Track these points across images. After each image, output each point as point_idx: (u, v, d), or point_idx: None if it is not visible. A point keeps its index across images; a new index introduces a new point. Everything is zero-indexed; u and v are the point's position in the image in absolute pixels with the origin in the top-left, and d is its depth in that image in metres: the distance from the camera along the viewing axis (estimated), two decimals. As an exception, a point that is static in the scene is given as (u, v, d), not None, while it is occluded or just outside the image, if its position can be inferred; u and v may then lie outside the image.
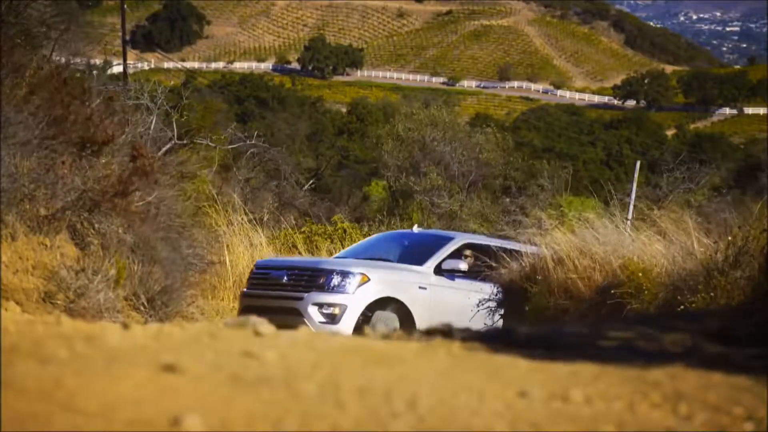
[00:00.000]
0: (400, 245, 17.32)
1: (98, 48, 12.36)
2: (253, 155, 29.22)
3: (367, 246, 17.75)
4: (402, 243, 17.40)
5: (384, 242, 18.08)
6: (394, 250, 17.12)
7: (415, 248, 16.92)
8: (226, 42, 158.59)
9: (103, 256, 9.22)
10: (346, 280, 14.89)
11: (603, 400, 3.52)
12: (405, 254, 16.87)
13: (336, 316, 14.61)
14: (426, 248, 16.68)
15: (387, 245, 17.59)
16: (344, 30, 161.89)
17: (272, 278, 14.75)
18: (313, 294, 14.61)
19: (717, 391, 3.61)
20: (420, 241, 17.31)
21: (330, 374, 3.65)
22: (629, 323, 5.26)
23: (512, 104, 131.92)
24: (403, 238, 17.91)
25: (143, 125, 10.94)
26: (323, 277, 14.81)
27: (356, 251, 17.38)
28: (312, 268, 15.05)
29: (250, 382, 3.43)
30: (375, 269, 15.53)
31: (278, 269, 14.98)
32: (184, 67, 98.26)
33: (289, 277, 14.82)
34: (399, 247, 17.31)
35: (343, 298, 14.78)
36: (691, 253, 12.50)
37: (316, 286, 14.74)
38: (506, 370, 3.93)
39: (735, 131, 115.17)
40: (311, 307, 14.45)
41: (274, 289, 14.63)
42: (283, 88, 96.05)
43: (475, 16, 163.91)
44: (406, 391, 3.49)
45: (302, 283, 14.76)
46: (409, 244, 17.18)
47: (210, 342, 4.13)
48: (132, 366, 3.48)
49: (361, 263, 15.82)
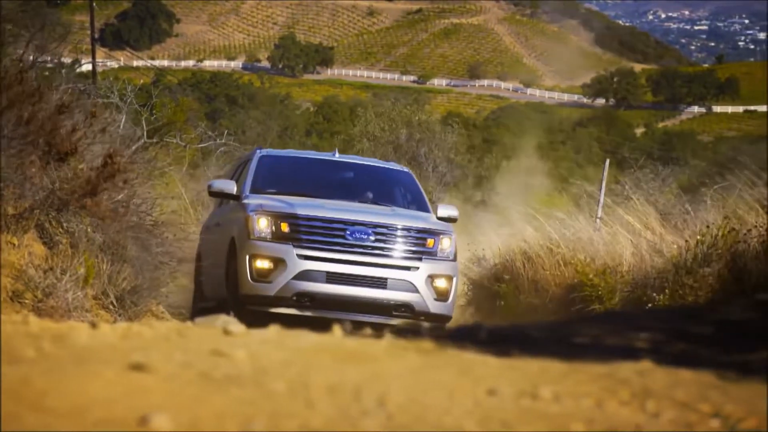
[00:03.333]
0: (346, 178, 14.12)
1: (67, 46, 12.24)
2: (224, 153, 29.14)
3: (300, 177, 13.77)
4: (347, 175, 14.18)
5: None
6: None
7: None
8: (196, 40, 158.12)
9: (71, 255, 9.18)
10: (452, 243, 12.32)
11: (572, 397, 3.53)
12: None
13: (448, 291, 12.13)
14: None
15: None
16: (314, 28, 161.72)
17: (351, 238, 11.92)
18: (426, 262, 12.03)
19: (685, 388, 3.63)
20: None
21: (300, 373, 3.65)
22: (598, 321, 5.29)
23: (482, 102, 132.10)
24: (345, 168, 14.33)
25: (112, 124, 10.89)
26: (432, 239, 12.22)
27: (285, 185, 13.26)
28: (418, 228, 12.17)
29: (220, 381, 3.43)
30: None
31: (355, 224, 12.03)
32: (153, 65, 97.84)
33: (379, 236, 12.04)
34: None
35: (452, 267, 12.25)
36: (659, 251, 12.56)
37: (427, 253, 12.14)
38: (476, 368, 3.94)
39: (704, 129, 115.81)
40: (427, 279, 11.99)
41: (355, 252, 11.88)
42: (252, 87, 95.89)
43: (445, 15, 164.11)
44: (377, 389, 3.49)
45: (408, 246, 12.02)
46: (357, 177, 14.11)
47: (179, 341, 4.12)
48: (101, 365, 3.47)
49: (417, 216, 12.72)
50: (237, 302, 11.83)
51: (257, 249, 11.79)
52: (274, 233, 11.83)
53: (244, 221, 12.03)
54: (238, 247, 11.97)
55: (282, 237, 11.81)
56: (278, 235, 11.82)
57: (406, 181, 14.01)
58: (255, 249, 11.80)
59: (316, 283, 11.71)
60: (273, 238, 11.81)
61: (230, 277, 12.19)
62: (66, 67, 10.39)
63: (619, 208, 15.46)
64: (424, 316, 11.94)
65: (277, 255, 11.74)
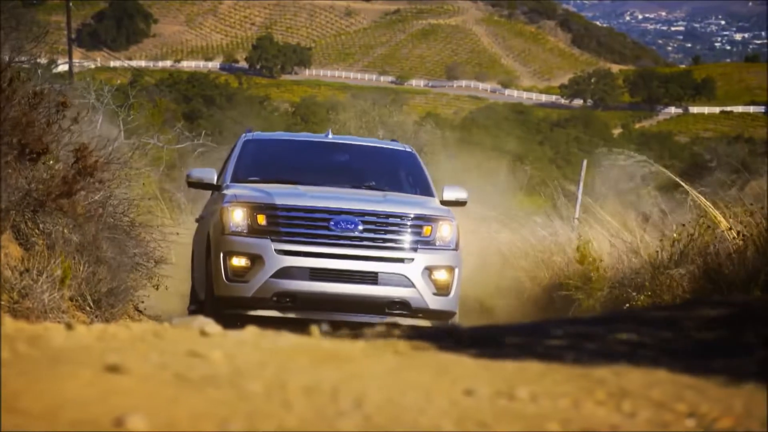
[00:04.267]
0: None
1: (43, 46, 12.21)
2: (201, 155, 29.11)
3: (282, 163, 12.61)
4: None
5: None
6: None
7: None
8: (173, 41, 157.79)
9: (48, 256, 9.14)
10: (453, 229, 11.21)
11: (548, 397, 3.54)
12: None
13: (449, 284, 11.04)
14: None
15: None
16: (292, 29, 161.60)
17: (336, 229, 10.89)
18: (423, 253, 10.96)
19: (661, 388, 3.64)
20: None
21: (277, 373, 3.65)
22: (576, 321, 5.30)
23: (460, 103, 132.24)
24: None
25: (89, 124, 10.86)
26: (429, 227, 11.11)
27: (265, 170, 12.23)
28: (413, 214, 11.07)
29: (196, 382, 3.42)
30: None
31: (340, 212, 10.95)
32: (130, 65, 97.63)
33: (368, 226, 10.97)
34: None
35: (453, 257, 11.14)
36: (636, 252, 12.61)
37: (423, 242, 11.03)
38: (453, 368, 3.94)
39: (680, 130, 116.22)
40: (424, 272, 10.91)
41: (341, 245, 10.83)
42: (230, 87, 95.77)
43: (422, 15, 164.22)
44: (353, 390, 3.49)
45: (401, 235, 10.96)
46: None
47: (155, 342, 4.11)
48: (76, 366, 3.46)
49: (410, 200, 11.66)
50: (213, 305, 10.91)
51: (232, 245, 10.75)
52: (251, 227, 10.77)
53: (218, 214, 11.02)
54: (213, 243, 11.03)
55: (259, 231, 10.75)
56: (255, 228, 10.76)
57: (409, 163, 12.78)
58: (229, 245, 10.77)
59: (298, 280, 10.66)
60: (249, 232, 10.75)
61: (207, 277, 11.25)
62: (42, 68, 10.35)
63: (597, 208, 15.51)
64: (423, 313, 10.86)
65: (254, 251, 10.69)
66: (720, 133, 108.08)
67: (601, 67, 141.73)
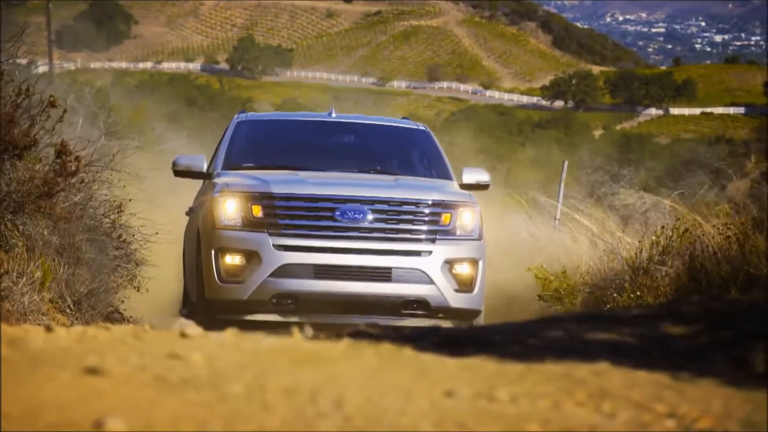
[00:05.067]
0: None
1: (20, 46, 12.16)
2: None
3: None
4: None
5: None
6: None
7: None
8: (154, 42, 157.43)
9: (28, 258, 9.11)
10: (475, 216, 10.03)
11: (529, 398, 3.55)
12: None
13: (473, 279, 9.92)
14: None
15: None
16: (273, 30, 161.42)
17: (343, 219, 9.75)
18: (442, 244, 9.82)
19: (640, 389, 3.65)
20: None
21: (257, 375, 3.64)
22: (557, 322, 5.30)
23: (442, 104, 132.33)
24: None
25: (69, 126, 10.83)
26: (448, 214, 9.98)
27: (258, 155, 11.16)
28: (429, 200, 9.93)
29: (175, 384, 3.41)
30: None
31: (346, 200, 9.83)
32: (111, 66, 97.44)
33: (379, 215, 9.85)
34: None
35: (476, 248, 9.99)
36: (617, 253, 12.64)
37: (442, 231, 9.89)
38: (433, 370, 3.94)
39: (661, 131, 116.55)
40: (444, 265, 9.79)
41: (348, 237, 9.72)
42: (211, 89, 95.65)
43: (404, 17, 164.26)
44: (334, 392, 3.49)
45: (416, 225, 9.84)
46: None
47: (135, 344, 4.10)
48: (55, 369, 3.45)
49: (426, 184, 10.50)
50: (204, 309, 9.90)
51: (224, 241, 9.66)
52: (245, 219, 9.66)
53: (208, 206, 9.92)
54: (202, 239, 9.95)
55: (255, 224, 9.65)
56: (250, 221, 9.65)
57: (423, 143, 11.54)
58: (221, 241, 9.68)
59: (301, 279, 9.58)
60: (244, 225, 9.64)
61: (197, 278, 10.19)
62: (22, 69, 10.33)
63: (578, 209, 15.54)
64: (444, 312, 9.76)
65: (249, 247, 9.60)
66: (700, 134, 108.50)
67: (582, 69, 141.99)
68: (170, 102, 75.47)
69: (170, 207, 13.90)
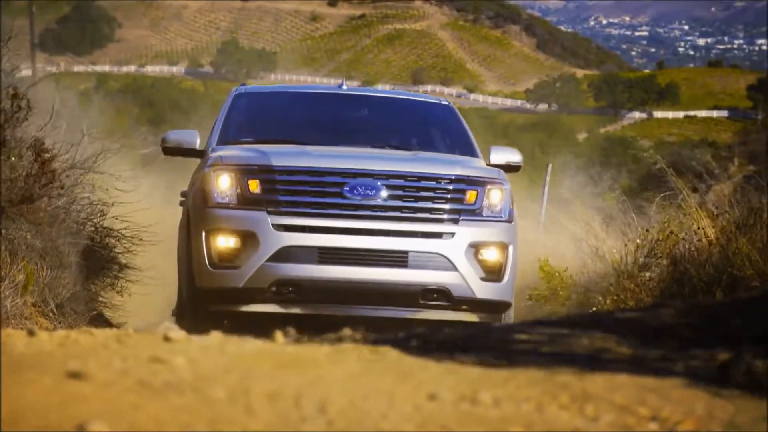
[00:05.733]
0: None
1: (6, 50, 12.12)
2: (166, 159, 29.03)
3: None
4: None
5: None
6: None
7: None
8: (138, 45, 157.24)
9: (10, 262, 9.08)
10: (505, 195, 8.93)
11: (512, 401, 3.55)
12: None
13: (501, 266, 8.78)
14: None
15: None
16: (257, 33, 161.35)
17: (353, 196, 8.63)
18: (467, 226, 8.67)
19: (623, 392, 3.66)
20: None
21: (240, 379, 3.64)
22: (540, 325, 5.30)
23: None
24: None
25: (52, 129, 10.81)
26: (474, 191, 8.83)
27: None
28: (453, 176, 8.80)
29: (159, 388, 3.41)
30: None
31: (357, 175, 8.68)
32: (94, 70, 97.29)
33: (395, 191, 8.67)
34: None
35: (506, 231, 8.86)
36: (601, 256, 12.66)
37: (467, 211, 8.75)
38: (417, 373, 3.94)
39: (645, 135, 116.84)
40: (469, 250, 8.63)
41: (359, 216, 8.59)
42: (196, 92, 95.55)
43: (388, 20, 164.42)
44: (317, 395, 3.49)
45: (437, 203, 8.69)
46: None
47: (118, 348, 4.09)
48: (37, 373, 3.44)
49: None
50: (194, 300, 8.82)
51: (217, 221, 8.56)
52: (241, 196, 8.57)
53: (199, 182, 8.87)
54: (192, 220, 8.88)
55: (252, 201, 8.55)
56: (246, 198, 8.56)
57: (445, 119, 10.49)
58: (214, 221, 8.58)
59: (304, 264, 8.47)
60: (239, 203, 8.57)
61: (186, 264, 9.09)
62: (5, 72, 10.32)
63: (562, 211, 15.57)
64: (468, 304, 8.66)
65: (246, 227, 8.50)
66: (684, 137, 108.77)
67: (565, 72, 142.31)
68: (154, 105, 75.41)
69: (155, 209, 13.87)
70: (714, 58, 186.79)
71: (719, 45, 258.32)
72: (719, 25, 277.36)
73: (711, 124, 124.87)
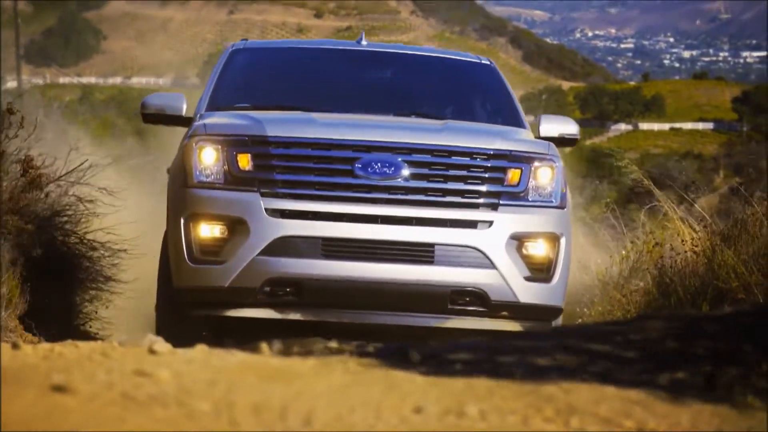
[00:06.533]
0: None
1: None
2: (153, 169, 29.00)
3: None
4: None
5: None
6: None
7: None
8: (124, 57, 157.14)
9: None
10: (556, 175, 7.36)
11: (497, 414, 3.55)
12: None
13: (551, 263, 7.28)
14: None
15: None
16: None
17: (366, 174, 7.07)
18: (508, 212, 7.13)
19: (608, 405, 3.66)
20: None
21: (225, 392, 3.63)
22: (525, 338, 5.31)
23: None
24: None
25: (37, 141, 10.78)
26: (517, 170, 7.23)
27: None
28: (490, 150, 7.23)
29: (143, 402, 3.40)
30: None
31: (371, 148, 7.10)
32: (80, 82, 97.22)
33: (418, 169, 7.12)
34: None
35: (557, 219, 7.34)
36: (586, 267, 12.68)
37: (509, 194, 7.20)
38: (403, 386, 3.94)
39: (631, 146, 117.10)
40: (510, 243, 7.07)
41: (373, 200, 7.06)
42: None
43: (374, 32, 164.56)
44: (303, 408, 3.48)
45: (471, 184, 7.16)
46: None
47: (102, 361, 4.08)
48: (21, 387, 3.43)
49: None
50: (169, 303, 7.40)
51: (198, 204, 7.07)
52: (229, 174, 7.04)
53: (179, 158, 7.41)
54: (170, 204, 7.43)
55: (242, 180, 7.01)
56: (235, 176, 7.03)
57: (487, 81, 9.06)
58: (194, 204, 7.08)
59: (305, 259, 6.92)
60: (226, 182, 7.04)
61: (161, 260, 7.63)
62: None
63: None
64: (509, 310, 7.16)
65: (233, 212, 6.96)
66: (669, 149, 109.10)
67: (551, 84, 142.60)
68: (140, 116, 75.21)
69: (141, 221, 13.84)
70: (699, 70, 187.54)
71: (704, 57, 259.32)
72: (704, 38, 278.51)
73: (696, 136, 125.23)
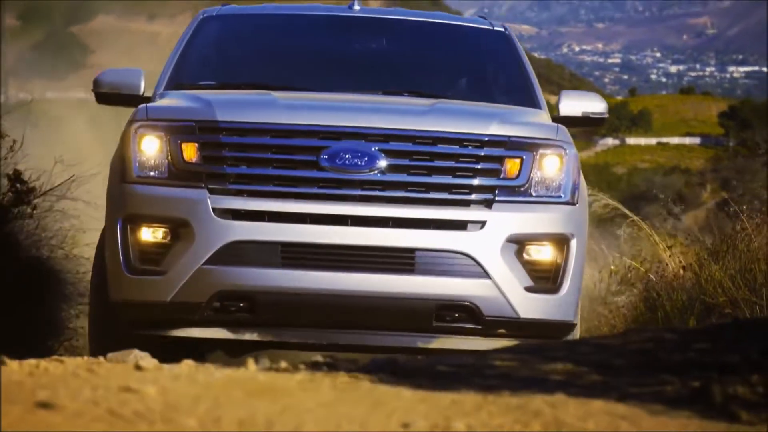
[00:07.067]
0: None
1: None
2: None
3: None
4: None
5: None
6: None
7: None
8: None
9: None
10: (566, 165, 6.33)
11: (485, 429, 3.54)
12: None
13: (558, 270, 6.09)
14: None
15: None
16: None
17: (334, 166, 6.01)
18: (505, 210, 6.06)
19: (596, 419, 3.65)
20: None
21: (211, 408, 3.62)
22: (513, 352, 5.30)
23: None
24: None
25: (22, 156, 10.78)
26: (516, 160, 6.12)
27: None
28: (484, 137, 6.12)
29: (129, 418, 3.38)
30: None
31: (341, 135, 6.05)
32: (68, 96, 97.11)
33: (397, 160, 6.03)
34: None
35: (568, 217, 6.19)
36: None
37: (506, 189, 6.09)
38: (390, 401, 3.93)
39: (618, 161, 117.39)
40: (507, 247, 5.99)
41: (342, 197, 6.00)
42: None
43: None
44: (289, 424, 3.47)
45: (460, 177, 6.08)
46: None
47: (88, 377, 4.06)
48: (6, 404, 3.41)
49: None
50: (103, 322, 6.28)
51: (137, 203, 6.08)
52: (172, 166, 6.03)
53: (119, 148, 6.30)
54: (107, 203, 6.40)
55: (187, 174, 6.00)
56: (179, 169, 6.01)
57: (499, 53, 7.79)
58: (132, 204, 6.09)
59: (261, 268, 5.90)
60: (170, 177, 6.03)
61: (97, 269, 6.47)
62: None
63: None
64: (506, 327, 6.09)
65: (175, 213, 5.95)
66: (656, 164, 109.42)
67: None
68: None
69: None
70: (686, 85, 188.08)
71: (691, 72, 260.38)
72: (691, 53, 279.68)
73: (683, 151, 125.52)
